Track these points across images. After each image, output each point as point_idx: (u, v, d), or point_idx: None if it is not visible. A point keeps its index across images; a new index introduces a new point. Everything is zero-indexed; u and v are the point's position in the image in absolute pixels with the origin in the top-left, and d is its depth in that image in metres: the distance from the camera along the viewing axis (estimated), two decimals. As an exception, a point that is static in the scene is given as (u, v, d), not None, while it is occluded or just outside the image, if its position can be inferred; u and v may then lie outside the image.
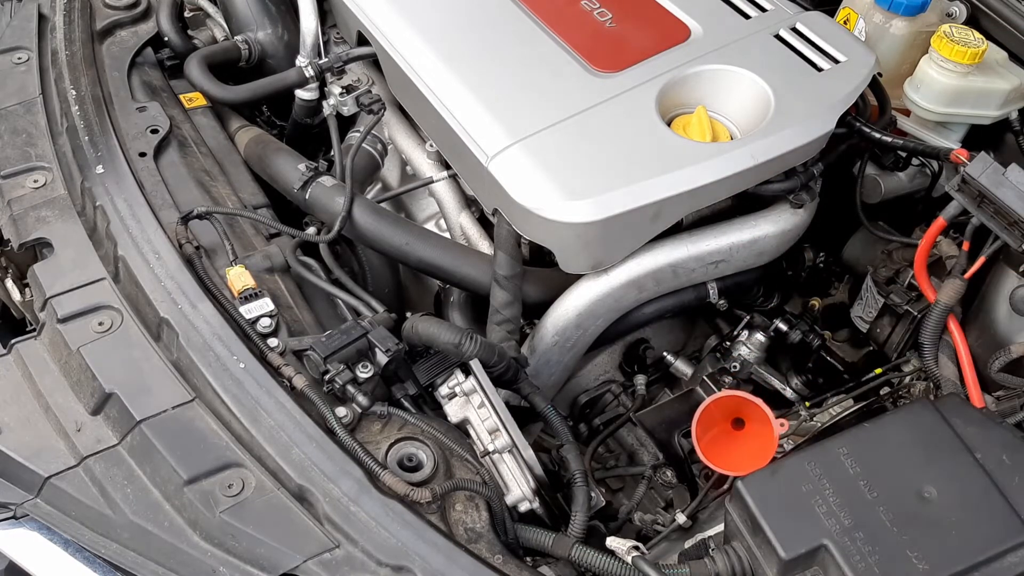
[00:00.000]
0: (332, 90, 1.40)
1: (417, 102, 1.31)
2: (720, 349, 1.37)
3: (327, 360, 1.03)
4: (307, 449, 0.97)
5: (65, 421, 1.01)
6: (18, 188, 1.23)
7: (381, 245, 1.28)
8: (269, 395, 1.01)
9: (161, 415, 0.99)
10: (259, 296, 1.11)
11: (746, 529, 0.91)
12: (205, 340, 1.05)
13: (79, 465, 0.97)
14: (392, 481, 0.95)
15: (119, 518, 0.94)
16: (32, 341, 1.08)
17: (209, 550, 0.92)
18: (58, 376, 1.05)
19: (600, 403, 1.38)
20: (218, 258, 1.19)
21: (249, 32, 1.53)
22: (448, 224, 1.41)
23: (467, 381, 1.08)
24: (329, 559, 0.90)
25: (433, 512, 0.96)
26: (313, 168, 1.31)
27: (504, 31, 1.33)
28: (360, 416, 1.03)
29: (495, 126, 1.20)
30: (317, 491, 0.94)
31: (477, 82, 1.25)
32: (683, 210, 1.17)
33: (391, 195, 1.44)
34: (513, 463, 1.06)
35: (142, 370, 1.04)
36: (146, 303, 1.09)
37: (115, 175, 1.22)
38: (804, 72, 1.25)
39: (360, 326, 1.07)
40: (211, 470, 0.96)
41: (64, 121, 1.30)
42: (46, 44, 1.42)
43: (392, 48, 1.34)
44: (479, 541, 0.96)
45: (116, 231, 1.15)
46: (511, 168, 1.16)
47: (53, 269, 1.13)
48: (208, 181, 1.33)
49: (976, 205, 1.10)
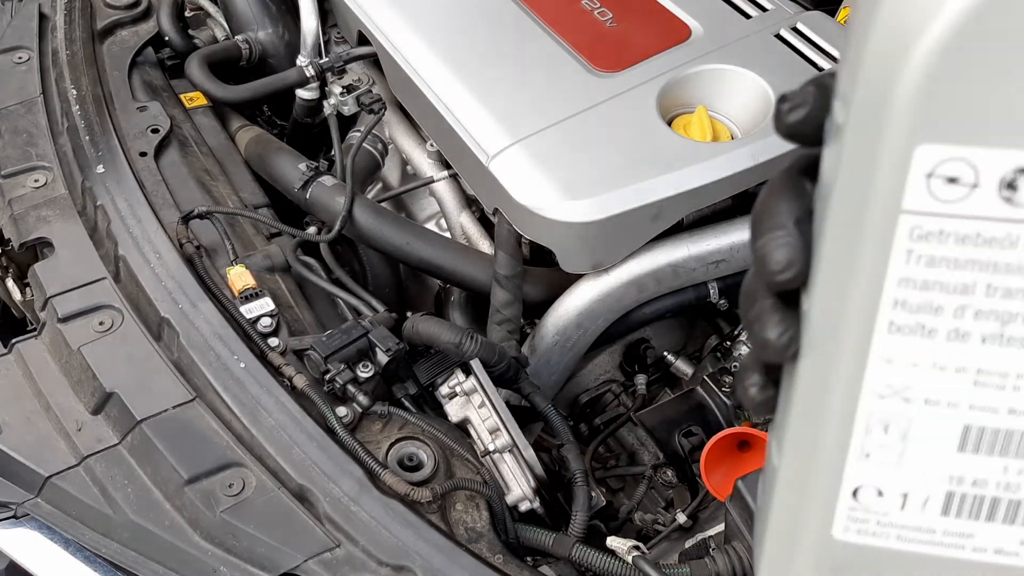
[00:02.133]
0: (333, 90, 1.40)
1: (417, 102, 1.31)
2: (720, 349, 1.37)
3: (328, 360, 1.03)
4: (308, 449, 0.97)
5: (66, 421, 1.01)
6: (19, 188, 1.23)
7: (382, 245, 1.28)
8: (270, 395, 1.01)
9: (162, 415, 1.00)
10: (260, 296, 1.11)
11: (746, 529, 0.91)
12: (206, 340, 1.05)
13: (80, 465, 0.97)
14: (392, 481, 0.95)
15: (120, 517, 0.94)
16: (33, 340, 1.08)
17: (210, 549, 0.92)
18: (58, 376, 1.05)
19: (600, 403, 1.38)
20: (219, 258, 1.19)
21: (250, 32, 1.53)
22: (448, 224, 1.41)
23: (468, 381, 1.08)
24: (329, 558, 0.90)
25: (434, 512, 0.96)
26: (314, 168, 1.31)
27: (504, 31, 1.33)
28: (360, 416, 1.03)
29: (495, 126, 1.20)
30: (317, 491, 0.94)
31: (477, 82, 1.25)
32: (684, 210, 1.17)
33: (391, 195, 1.44)
34: (513, 463, 1.06)
35: (143, 370, 1.04)
36: (147, 303, 1.09)
37: (116, 175, 1.22)
38: (805, 72, 1.25)
39: (361, 326, 1.07)
40: (212, 469, 0.96)
41: (65, 121, 1.30)
42: (47, 44, 1.42)
43: (392, 48, 1.34)
44: (480, 541, 0.96)
45: (117, 231, 1.15)
46: (511, 168, 1.16)
47: (54, 269, 1.13)
48: (209, 181, 1.33)
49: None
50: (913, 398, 0.34)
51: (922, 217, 0.31)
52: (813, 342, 0.35)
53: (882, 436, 0.35)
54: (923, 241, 0.31)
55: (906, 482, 0.36)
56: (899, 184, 0.31)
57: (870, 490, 0.36)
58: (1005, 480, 0.35)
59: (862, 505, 0.37)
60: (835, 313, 0.34)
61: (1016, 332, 0.32)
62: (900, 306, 0.33)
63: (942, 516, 0.36)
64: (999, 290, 0.32)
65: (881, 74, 0.30)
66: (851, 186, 0.33)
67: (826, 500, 0.37)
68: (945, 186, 0.31)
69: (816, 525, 0.37)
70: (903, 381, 0.34)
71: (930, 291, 0.32)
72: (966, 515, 0.36)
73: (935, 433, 0.34)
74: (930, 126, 0.30)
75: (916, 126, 0.30)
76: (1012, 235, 0.31)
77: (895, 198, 0.31)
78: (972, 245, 0.31)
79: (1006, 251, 0.31)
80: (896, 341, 0.33)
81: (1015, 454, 0.34)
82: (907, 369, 0.34)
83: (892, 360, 0.34)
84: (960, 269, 0.32)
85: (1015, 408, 0.33)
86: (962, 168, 0.30)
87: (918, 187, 0.31)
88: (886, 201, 0.31)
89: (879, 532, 0.37)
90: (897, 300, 0.33)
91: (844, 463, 0.36)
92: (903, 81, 0.30)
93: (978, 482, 0.35)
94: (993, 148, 0.30)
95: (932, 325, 0.33)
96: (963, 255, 0.31)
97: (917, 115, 0.30)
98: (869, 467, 0.36)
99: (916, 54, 0.29)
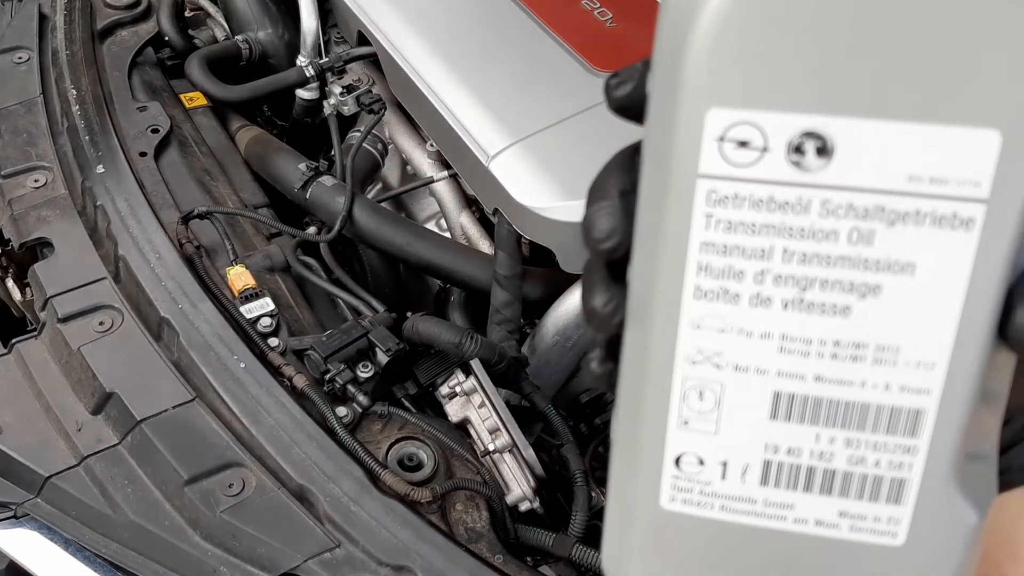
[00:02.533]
0: (332, 90, 1.40)
1: (417, 102, 1.31)
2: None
3: (327, 360, 1.03)
4: (308, 449, 0.97)
5: (66, 421, 1.01)
6: (19, 188, 1.23)
7: (381, 245, 1.28)
8: (270, 395, 1.01)
9: (162, 415, 1.00)
10: (259, 296, 1.11)
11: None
12: (206, 340, 1.05)
13: (80, 465, 0.97)
14: (392, 481, 0.95)
15: (120, 518, 0.94)
16: (32, 341, 1.08)
17: (210, 550, 0.92)
18: (58, 376, 1.05)
19: (601, 403, 1.38)
20: (218, 258, 1.19)
21: (250, 32, 1.53)
22: (448, 224, 1.41)
23: (468, 381, 1.08)
24: (329, 559, 0.90)
25: (434, 512, 0.96)
26: (313, 168, 1.31)
27: (504, 31, 1.33)
28: (360, 416, 1.03)
29: (495, 125, 1.20)
30: (317, 491, 0.94)
31: (477, 82, 1.25)
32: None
33: (391, 195, 1.44)
34: (513, 463, 1.06)
35: (143, 370, 1.04)
36: (147, 303, 1.09)
37: (116, 175, 1.22)
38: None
39: (361, 326, 1.07)
40: (212, 470, 0.96)
41: (65, 121, 1.30)
42: (47, 44, 1.42)
43: (392, 48, 1.33)
44: (480, 541, 0.96)
45: (117, 231, 1.15)
46: (511, 167, 1.16)
47: (53, 269, 1.13)
48: (209, 181, 1.33)
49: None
50: (724, 364, 0.34)
51: (718, 181, 0.32)
52: (633, 310, 0.36)
53: (698, 402, 0.35)
54: (721, 206, 0.32)
55: (724, 450, 0.36)
56: (695, 148, 0.32)
57: (691, 458, 0.36)
58: (818, 449, 0.35)
59: (685, 474, 0.37)
60: (648, 279, 0.35)
61: (815, 298, 0.32)
62: (704, 271, 0.33)
63: (761, 486, 0.36)
64: (795, 255, 0.32)
65: (673, 41, 0.31)
66: (654, 152, 0.33)
67: (652, 467, 0.37)
68: (737, 150, 0.31)
69: (644, 493, 0.38)
70: (713, 346, 0.34)
71: (731, 256, 0.33)
72: (784, 485, 0.36)
73: (748, 400, 0.35)
74: (718, 90, 0.31)
75: (706, 90, 0.31)
76: (803, 199, 0.31)
77: (692, 162, 0.32)
78: (766, 210, 0.32)
79: (799, 216, 0.31)
80: (703, 306, 0.34)
81: (825, 422, 0.34)
82: (716, 335, 0.34)
83: (700, 325, 0.34)
84: (757, 234, 0.32)
85: (821, 375, 0.33)
86: (751, 132, 0.31)
87: (712, 151, 0.31)
88: (683, 166, 0.32)
89: (703, 502, 0.37)
90: (701, 265, 0.33)
91: (665, 431, 0.36)
92: (691, 47, 0.30)
93: (793, 451, 0.35)
94: (778, 112, 0.30)
95: (736, 290, 0.33)
96: (759, 219, 0.32)
97: (706, 79, 0.31)
98: (688, 435, 0.36)
99: (700, 20, 0.30)
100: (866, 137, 0.30)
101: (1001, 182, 0.30)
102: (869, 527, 0.36)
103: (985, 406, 0.35)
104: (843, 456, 0.35)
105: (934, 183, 0.30)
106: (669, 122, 0.32)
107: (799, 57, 0.30)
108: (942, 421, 0.34)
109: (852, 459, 0.35)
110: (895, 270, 0.32)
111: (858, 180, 0.31)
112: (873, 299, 0.32)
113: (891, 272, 0.32)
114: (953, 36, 0.29)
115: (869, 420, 0.34)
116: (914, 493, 0.35)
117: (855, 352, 0.33)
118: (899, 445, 0.34)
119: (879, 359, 0.33)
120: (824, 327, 0.33)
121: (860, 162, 0.30)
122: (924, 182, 0.30)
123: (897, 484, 0.35)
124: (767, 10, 0.29)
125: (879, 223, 0.31)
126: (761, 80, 0.30)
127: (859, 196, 0.31)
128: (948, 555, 0.36)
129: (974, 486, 0.36)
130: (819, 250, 0.32)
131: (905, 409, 0.34)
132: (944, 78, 0.29)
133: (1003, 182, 0.30)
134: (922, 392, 0.33)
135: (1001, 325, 0.32)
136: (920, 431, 0.34)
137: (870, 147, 0.30)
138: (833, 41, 0.29)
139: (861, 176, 0.31)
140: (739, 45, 0.30)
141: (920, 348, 0.32)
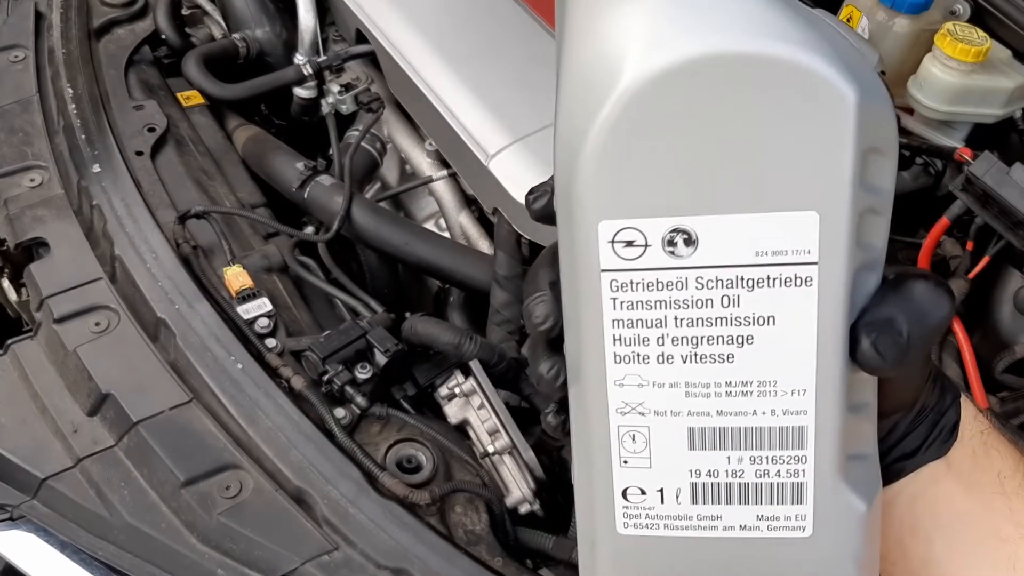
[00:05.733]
0: (331, 88, 1.39)
1: (416, 100, 1.30)
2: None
3: (325, 361, 1.03)
4: (305, 450, 0.96)
5: (62, 422, 1.00)
6: (14, 187, 1.22)
7: (380, 244, 1.27)
8: (267, 396, 1.00)
9: (158, 416, 0.99)
10: (257, 296, 1.11)
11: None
12: (202, 340, 1.04)
13: (76, 466, 0.96)
14: (391, 483, 0.94)
15: (116, 520, 0.93)
16: (28, 341, 1.07)
17: (207, 552, 0.91)
18: (54, 377, 1.04)
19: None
20: (215, 257, 1.18)
21: (247, 30, 1.53)
22: (448, 223, 1.40)
23: (467, 382, 1.07)
24: (328, 561, 0.90)
25: (432, 514, 0.95)
26: (311, 167, 1.31)
27: (504, 29, 1.32)
28: (359, 417, 1.02)
29: (495, 124, 1.19)
30: (315, 493, 0.93)
31: (477, 80, 1.25)
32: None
33: (390, 194, 1.43)
34: (513, 465, 1.05)
35: (139, 371, 1.03)
36: (143, 303, 1.08)
37: (112, 174, 1.21)
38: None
39: (359, 326, 1.07)
40: (209, 472, 0.95)
41: (61, 120, 1.29)
42: (43, 42, 1.41)
43: (391, 46, 1.33)
44: (479, 543, 0.96)
45: (113, 230, 1.14)
46: (511, 167, 1.15)
47: (49, 269, 1.13)
48: (206, 180, 1.32)
49: (980, 204, 1.09)
50: (646, 411, 0.43)
51: (616, 272, 0.41)
52: (571, 374, 0.45)
53: (632, 444, 0.44)
54: (622, 290, 0.41)
55: (659, 480, 0.44)
56: (594, 250, 0.40)
57: (635, 489, 0.45)
58: (731, 468, 0.43)
59: (632, 503, 0.45)
60: (578, 350, 0.43)
61: (705, 351, 0.41)
62: (618, 341, 0.42)
63: (693, 504, 0.44)
64: (684, 320, 0.41)
65: (564, 173, 0.40)
66: (565, 253, 0.42)
67: (606, 501, 0.45)
68: (626, 248, 0.40)
69: (603, 523, 0.46)
70: (636, 398, 0.43)
71: (637, 327, 0.41)
72: (711, 501, 0.44)
73: (670, 438, 0.43)
74: (604, 206, 0.40)
75: (595, 208, 0.40)
76: (681, 278, 0.40)
77: (594, 261, 0.41)
78: (656, 289, 0.40)
79: (681, 291, 0.40)
80: (622, 368, 0.42)
81: (732, 446, 0.43)
82: (636, 389, 0.43)
83: (623, 383, 0.43)
84: (653, 308, 0.41)
85: (721, 410, 0.42)
86: (635, 234, 0.40)
87: (607, 251, 0.40)
88: (588, 264, 0.41)
89: (651, 524, 0.45)
90: (615, 337, 0.42)
91: (611, 469, 0.44)
92: (578, 177, 0.39)
93: (712, 472, 0.43)
94: (651, 218, 0.39)
95: (644, 352, 0.42)
96: (652, 297, 0.41)
97: (593, 200, 0.40)
98: (629, 471, 0.44)
99: (582, 158, 0.39)
100: (719, 227, 0.39)
101: (825, 247, 0.39)
102: (782, 525, 0.44)
103: (856, 415, 0.43)
104: (751, 471, 0.43)
105: (776, 255, 0.39)
106: (572, 232, 0.41)
107: (661, 178, 0.39)
108: (820, 433, 0.42)
109: (758, 472, 0.43)
110: (761, 323, 0.40)
111: (719, 259, 0.40)
112: (749, 347, 0.41)
113: (758, 324, 0.40)
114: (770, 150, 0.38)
115: (764, 440, 0.42)
116: (811, 493, 0.43)
117: (743, 388, 0.42)
118: (792, 456, 0.43)
119: (763, 391, 0.42)
120: (716, 372, 0.41)
121: (718, 246, 0.39)
122: (769, 255, 0.39)
123: (797, 487, 0.43)
124: (632, 149, 0.38)
125: (742, 289, 0.40)
126: (634, 196, 0.39)
127: (723, 271, 0.40)
128: (847, 539, 0.44)
129: (859, 481, 0.44)
130: (701, 315, 0.41)
131: (790, 427, 0.42)
132: (770, 179, 0.38)
133: (827, 247, 0.39)
134: (800, 412, 0.42)
135: (852, 353, 0.41)
136: (805, 443, 0.42)
137: (724, 234, 0.39)
138: (685, 163, 0.38)
139: (721, 256, 0.40)
140: (615, 173, 0.39)
141: (792, 379, 0.41)
